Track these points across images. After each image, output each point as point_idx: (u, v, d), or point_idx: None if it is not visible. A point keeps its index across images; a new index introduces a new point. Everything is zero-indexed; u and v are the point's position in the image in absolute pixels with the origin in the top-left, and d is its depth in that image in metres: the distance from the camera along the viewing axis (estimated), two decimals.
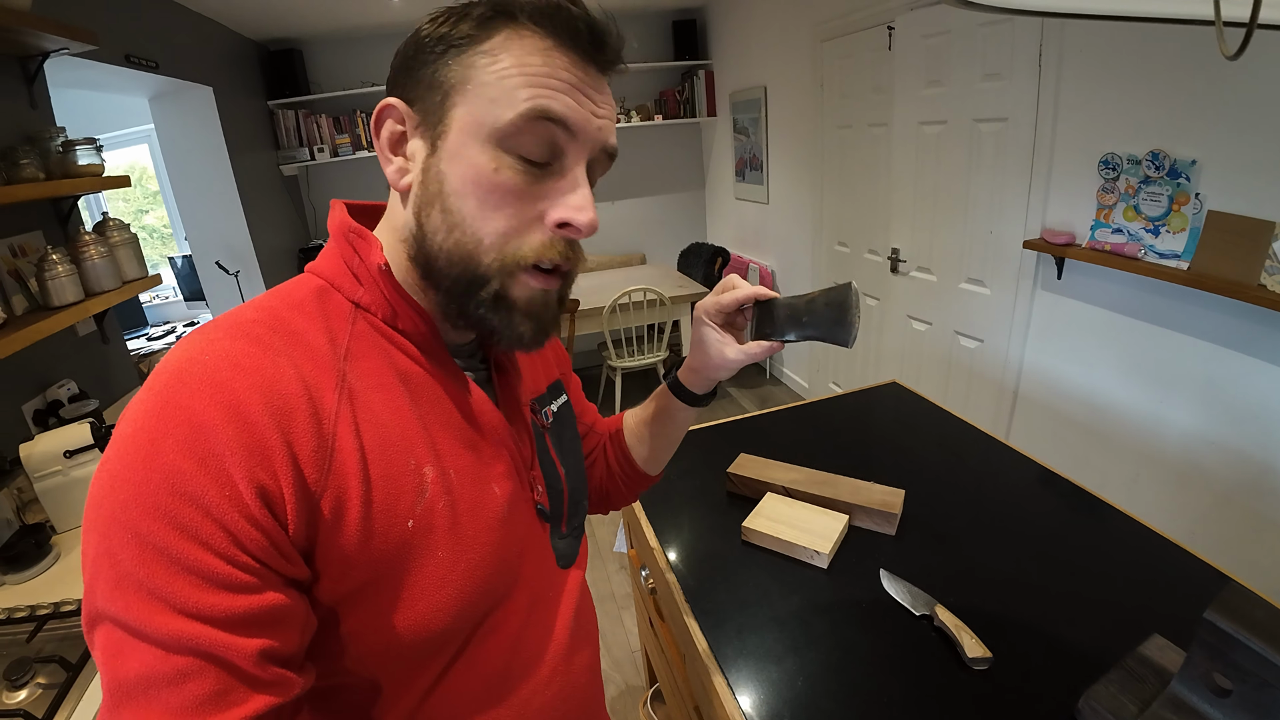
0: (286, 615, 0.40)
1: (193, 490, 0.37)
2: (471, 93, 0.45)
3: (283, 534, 0.40)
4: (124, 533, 0.37)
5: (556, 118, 0.45)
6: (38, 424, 1.51)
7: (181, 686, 0.36)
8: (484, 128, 0.45)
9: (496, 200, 0.46)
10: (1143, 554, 0.99)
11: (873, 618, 0.90)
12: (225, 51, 3.21)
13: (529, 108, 0.44)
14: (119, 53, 2.17)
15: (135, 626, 0.36)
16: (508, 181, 0.45)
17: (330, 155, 3.87)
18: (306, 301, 0.48)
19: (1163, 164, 1.61)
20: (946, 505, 1.15)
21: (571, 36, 0.46)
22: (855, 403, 1.63)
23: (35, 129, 1.58)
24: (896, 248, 2.70)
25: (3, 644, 0.99)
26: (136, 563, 0.36)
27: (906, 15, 2.38)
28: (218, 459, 0.37)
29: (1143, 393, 1.81)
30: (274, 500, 0.39)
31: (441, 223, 0.46)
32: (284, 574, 0.40)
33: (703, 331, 0.67)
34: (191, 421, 0.38)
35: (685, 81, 4.45)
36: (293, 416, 0.41)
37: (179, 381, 0.39)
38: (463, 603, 0.48)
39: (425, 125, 0.47)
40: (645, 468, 0.79)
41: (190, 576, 0.36)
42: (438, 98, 0.46)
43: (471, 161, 0.45)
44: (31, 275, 1.50)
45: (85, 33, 1.57)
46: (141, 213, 4.53)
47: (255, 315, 0.45)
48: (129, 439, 0.38)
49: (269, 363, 0.42)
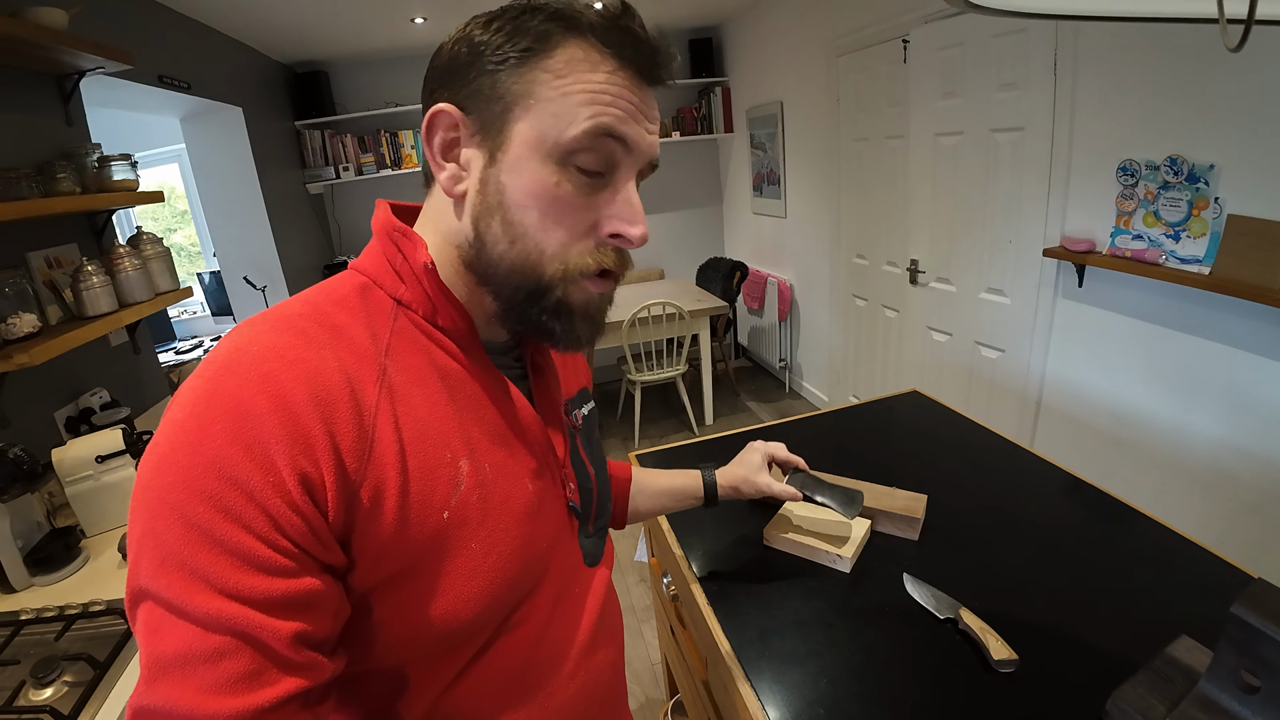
0: (322, 600, 0.41)
1: (237, 475, 0.38)
2: (535, 107, 0.46)
3: (322, 521, 0.41)
4: (170, 513, 0.38)
5: (617, 135, 0.47)
6: (69, 430, 1.55)
7: (217, 664, 0.37)
8: (547, 142, 0.46)
9: (557, 213, 0.47)
10: (1171, 558, 0.97)
11: (896, 621, 0.89)
12: (255, 73, 3.31)
13: (593, 125, 0.45)
14: (152, 73, 2.25)
15: (176, 604, 0.37)
16: (568, 195, 0.47)
17: (355, 174, 3.96)
18: (350, 298, 0.49)
19: (1181, 169, 1.59)
20: (970, 511, 1.13)
21: (635, 57, 0.47)
22: (876, 411, 1.61)
23: (71, 145, 1.64)
24: (915, 259, 2.69)
25: (31, 643, 1.00)
26: (180, 542, 0.37)
27: (921, 28, 2.39)
28: (263, 446, 0.39)
29: (1167, 400, 1.78)
30: (315, 488, 0.40)
31: (503, 234, 0.48)
32: (321, 560, 0.41)
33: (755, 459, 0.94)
34: (238, 409, 0.39)
35: (702, 99, 4.50)
36: (335, 407, 0.42)
37: (228, 370, 0.41)
38: (492, 595, 0.49)
39: (483, 135, 0.47)
40: (630, 518, 0.92)
41: (231, 558, 0.37)
42: (498, 109, 0.46)
43: (534, 175, 0.46)
44: (66, 286, 1.55)
45: (120, 53, 1.63)
46: (171, 231, 4.65)
47: (300, 309, 0.47)
48: (178, 424, 0.40)
49: (313, 355, 0.43)
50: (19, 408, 1.44)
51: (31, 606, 1.10)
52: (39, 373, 1.47)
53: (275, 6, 2.73)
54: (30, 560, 1.21)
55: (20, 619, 1.05)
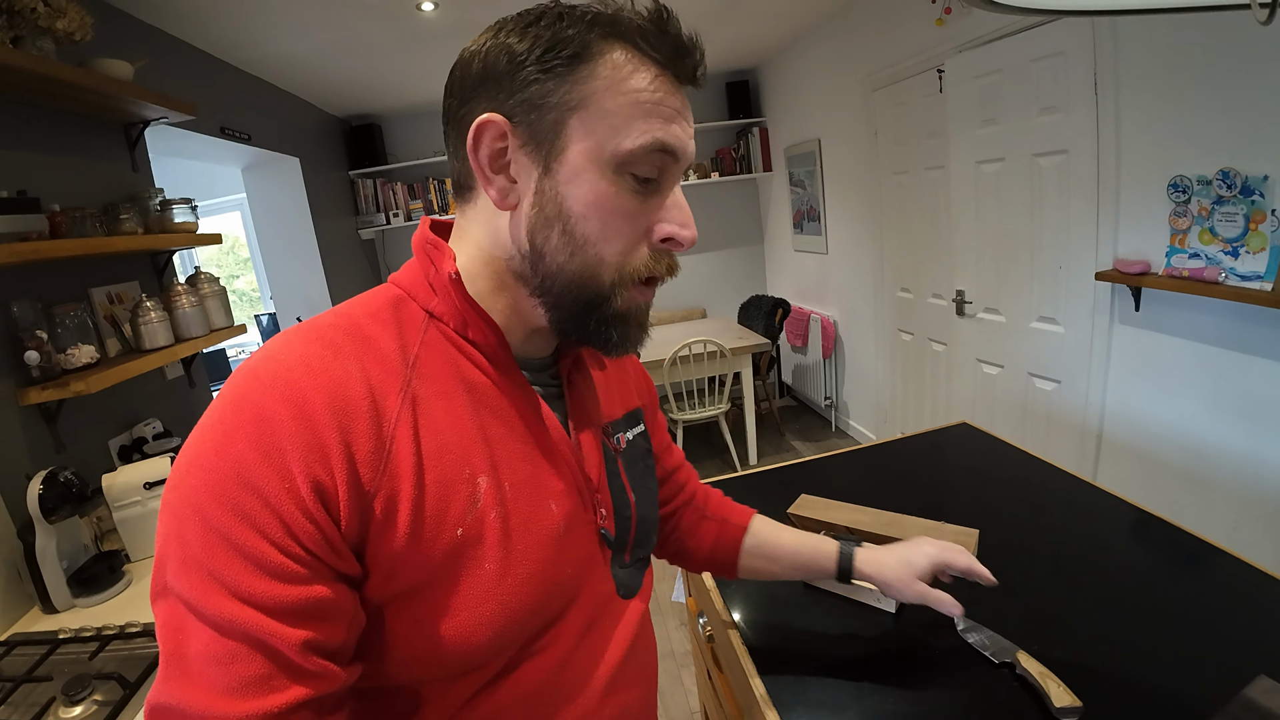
0: (334, 609, 0.41)
1: (256, 481, 0.39)
2: (590, 117, 0.45)
3: (335, 529, 0.41)
4: (193, 515, 0.39)
5: (671, 150, 0.48)
6: (122, 458, 1.61)
7: (230, 667, 0.37)
8: (605, 153, 0.46)
9: (618, 222, 0.48)
10: (1245, 593, 0.88)
11: (946, 666, 0.83)
12: (311, 126, 3.52)
13: (650, 140, 0.46)
14: (215, 124, 2.40)
15: (195, 605, 0.38)
16: (626, 204, 0.48)
17: (405, 220, 4.13)
18: (383, 310, 0.50)
19: (1234, 182, 1.53)
20: (1026, 548, 1.06)
21: (675, 60, 0.48)
22: (923, 444, 1.55)
23: (136, 189, 1.75)
24: (961, 290, 2.62)
25: (66, 662, 1.02)
26: (201, 544, 0.38)
27: (956, 58, 2.38)
28: (280, 453, 0.39)
29: (1237, 428, 1.66)
30: (328, 495, 0.41)
31: (563, 245, 0.48)
32: (335, 568, 0.41)
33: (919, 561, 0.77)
34: (261, 416, 0.40)
35: (740, 139, 4.56)
36: (353, 417, 0.42)
37: (255, 378, 0.42)
38: (507, 618, 0.47)
39: (535, 145, 0.47)
40: (741, 573, 0.83)
41: (246, 562, 0.38)
42: (549, 118, 0.46)
43: (594, 185, 0.46)
44: (126, 321, 1.63)
45: (184, 104, 1.75)
46: (234, 277, 4.91)
47: (333, 320, 0.48)
48: (207, 429, 0.41)
49: (338, 366, 0.44)
50: (76, 434, 1.50)
51: (71, 626, 1.12)
52: (96, 401, 1.54)
53: (329, 66, 2.91)
54: (74, 581, 1.25)
55: (58, 637, 1.07)
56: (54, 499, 1.18)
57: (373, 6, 2.31)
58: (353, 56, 2.85)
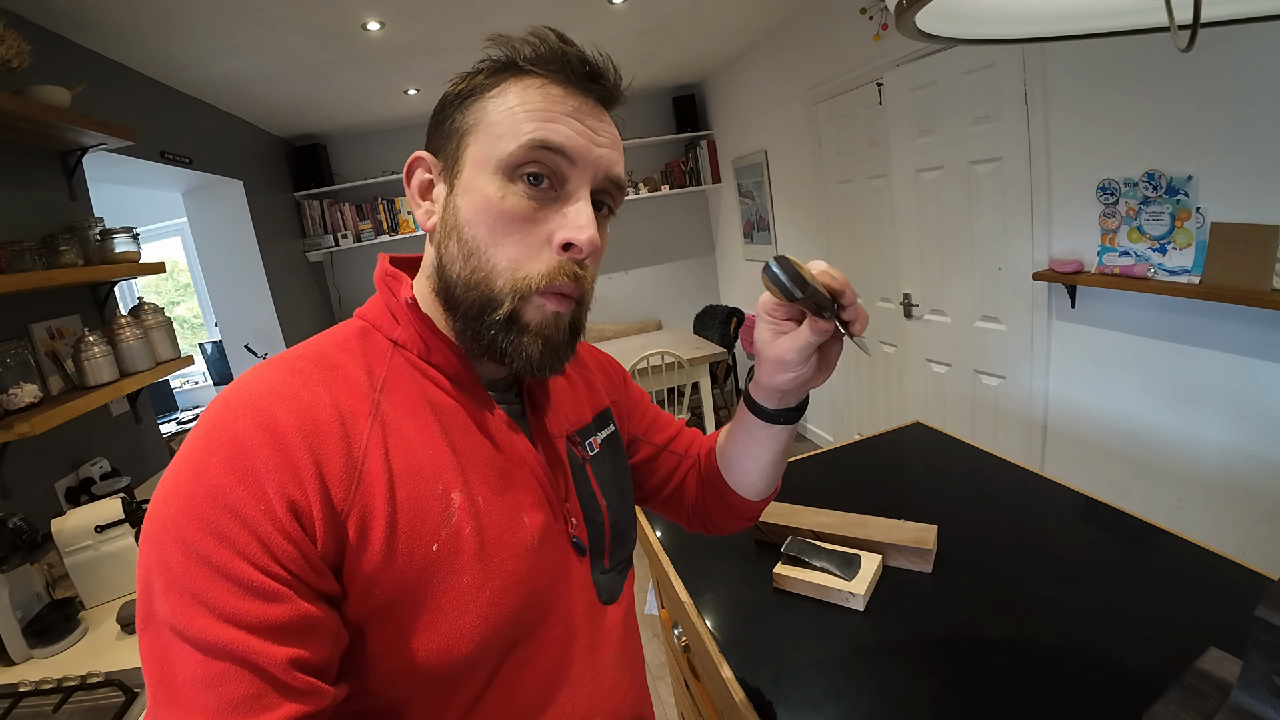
0: (317, 627, 0.42)
1: (233, 503, 0.40)
2: (481, 132, 0.50)
3: (313, 548, 0.42)
4: (174, 541, 0.39)
5: (555, 147, 0.49)
6: (69, 500, 1.54)
7: (218, 689, 0.38)
8: (491, 161, 0.49)
9: (505, 226, 0.49)
10: (1193, 571, 0.95)
11: (915, 657, 0.86)
12: (254, 147, 3.42)
13: (530, 139, 0.48)
14: (154, 149, 2.33)
15: (181, 629, 0.38)
16: (513, 208, 0.49)
17: (354, 241, 4.04)
18: (349, 340, 0.52)
19: (1159, 183, 1.63)
20: (983, 539, 1.11)
21: (567, 71, 0.50)
22: (880, 445, 1.60)
23: (75, 219, 1.69)
24: (908, 293, 2.72)
25: (29, 715, 0.98)
26: (183, 569, 0.39)
27: (893, 71, 2.48)
28: (255, 476, 0.41)
29: (1174, 413, 1.77)
30: (304, 515, 0.42)
31: (458, 251, 0.50)
32: (315, 587, 0.42)
33: (762, 333, 0.58)
34: (234, 442, 0.41)
35: (689, 152, 4.63)
36: (323, 439, 0.44)
37: (227, 407, 0.44)
38: (487, 630, 0.48)
39: (446, 170, 0.52)
40: (740, 491, 0.72)
41: (228, 584, 0.39)
42: (454, 143, 0.51)
43: (481, 192, 0.49)
44: (68, 356, 1.57)
45: (123, 129, 1.69)
46: (174, 304, 4.72)
47: (301, 352, 0.50)
48: (182, 459, 0.42)
49: (307, 391, 0.45)
50: (20, 478, 1.43)
51: (30, 679, 1.08)
52: (40, 443, 1.47)
53: (273, 85, 2.85)
54: (29, 631, 1.19)
55: (19, 691, 1.03)
56: (4, 547, 1.13)
57: (318, 27, 2.27)
58: (297, 77, 2.80)
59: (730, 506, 0.74)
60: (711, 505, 0.76)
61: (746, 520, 0.77)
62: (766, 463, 0.68)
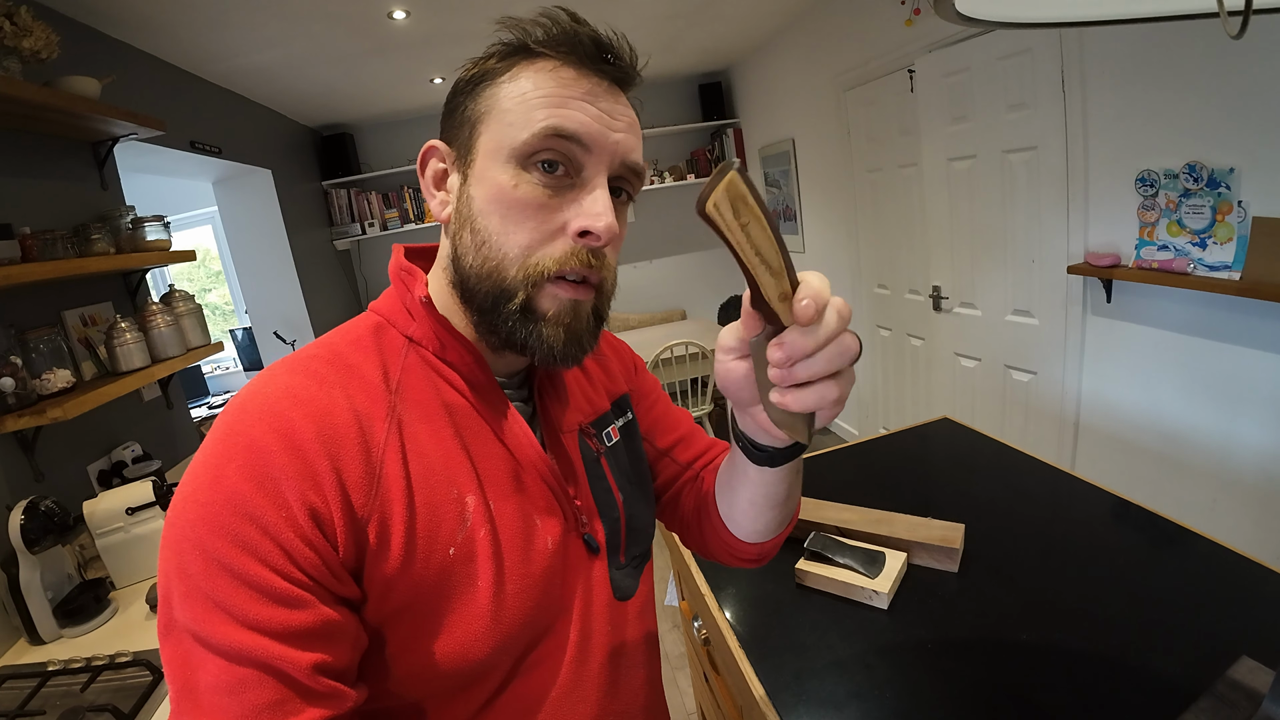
0: (338, 631, 0.42)
1: (252, 510, 0.39)
2: (493, 120, 0.48)
3: (333, 553, 0.42)
4: (193, 548, 0.39)
5: (569, 134, 0.46)
6: (102, 484, 1.58)
7: (242, 695, 0.38)
8: (504, 149, 0.47)
9: (518, 215, 0.47)
10: (1227, 577, 0.92)
11: (940, 658, 0.84)
12: (283, 137, 3.47)
13: (543, 127, 0.46)
14: (184, 139, 2.36)
15: (203, 636, 0.38)
16: (527, 196, 0.47)
17: (380, 229, 4.08)
18: (364, 337, 0.51)
19: (1200, 175, 1.57)
20: (1011, 539, 1.08)
21: (579, 53, 0.48)
22: (906, 440, 1.57)
23: (106, 208, 1.72)
24: (937, 285, 2.66)
25: (58, 695, 1.00)
26: (204, 576, 0.39)
27: (925, 57, 2.42)
28: (274, 482, 0.40)
29: (1211, 412, 1.71)
30: (324, 521, 0.41)
31: (471, 242, 0.49)
32: (335, 592, 0.42)
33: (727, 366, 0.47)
34: (252, 448, 0.41)
35: (715, 140, 4.58)
36: (342, 444, 0.43)
37: (243, 412, 0.43)
38: (502, 633, 0.48)
39: (460, 159, 0.51)
40: (730, 527, 0.63)
41: (250, 590, 0.39)
42: (467, 131, 0.50)
43: (494, 181, 0.48)
44: (101, 343, 1.60)
45: (152, 120, 1.72)
46: (205, 291, 4.82)
47: (315, 351, 0.49)
48: (200, 465, 0.42)
49: (323, 395, 0.45)
50: (54, 461, 1.47)
51: (59, 658, 1.11)
52: (73, 427, 1.51)
53: (300, 75, 2.87)
54: (60, 612, 1.22)
55: (48, 670, 1.05)
56: (36, 530, 1.15)
57: (344, 17, 2.28)
58: (324, 67, 2.82)
59: (723, 540, 0.65)
60: (706, 531, 0.68)
61: (740, 560, 0.67)
62: (748, 503, 0.58)
